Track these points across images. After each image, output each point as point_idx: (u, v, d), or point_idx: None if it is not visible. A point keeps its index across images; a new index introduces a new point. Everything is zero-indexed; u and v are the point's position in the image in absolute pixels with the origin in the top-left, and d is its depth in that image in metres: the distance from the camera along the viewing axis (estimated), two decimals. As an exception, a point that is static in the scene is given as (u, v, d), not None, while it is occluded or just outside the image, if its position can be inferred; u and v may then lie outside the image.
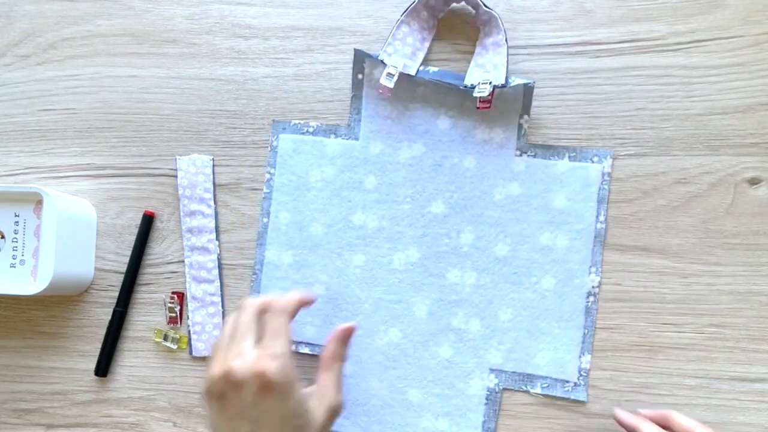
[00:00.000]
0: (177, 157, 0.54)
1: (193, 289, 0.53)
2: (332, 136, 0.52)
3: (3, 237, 0.51)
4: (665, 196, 0.49)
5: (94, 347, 0.54)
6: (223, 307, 0.53)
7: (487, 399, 0.49)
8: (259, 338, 0.40)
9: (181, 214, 0.53)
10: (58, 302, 0.55)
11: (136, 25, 0.55)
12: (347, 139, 0.52)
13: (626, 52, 0.50)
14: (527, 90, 0.49)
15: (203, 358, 0.53)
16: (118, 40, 0.55)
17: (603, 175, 0.49)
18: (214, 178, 0.53)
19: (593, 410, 0.49)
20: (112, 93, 0.55)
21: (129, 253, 0.54)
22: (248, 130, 0.53)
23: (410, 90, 0.51)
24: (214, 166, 0.53)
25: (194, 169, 0.53)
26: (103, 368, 0.53)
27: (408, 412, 0.50)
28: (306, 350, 0.51)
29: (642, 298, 0.49)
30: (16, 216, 0.51)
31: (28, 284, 0.50)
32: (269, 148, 0.53)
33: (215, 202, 0.53)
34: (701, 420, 0.48)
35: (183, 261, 0.53)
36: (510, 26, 0.51)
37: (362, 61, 0.51)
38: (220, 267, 0.53)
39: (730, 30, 0.49)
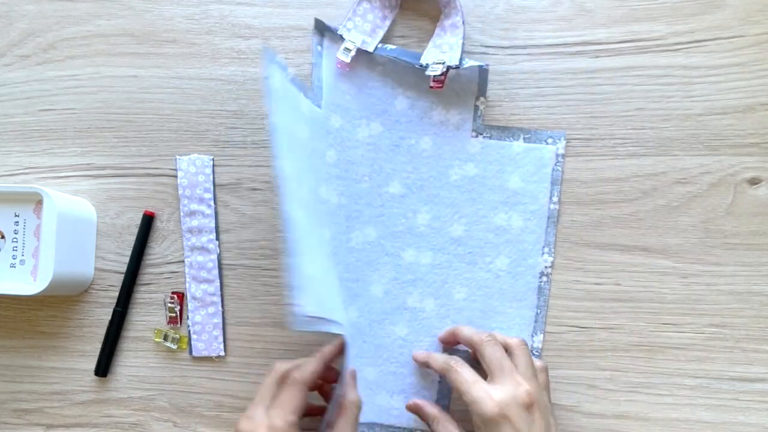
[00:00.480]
0: (177, 157, 0.54)
1: (193, 289, 0.53)
2: (303, 94, 0.50)
3: (3, 237, 0.51)
4: (665, 196, 0.49)
5: (94, 347, 0.54)
6: (222, 306, 0.53)
7: (440, 377, 0.49)
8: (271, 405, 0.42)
9: (181, 214, 0.53)
10: (58, 302, 0.55)
11: (136, 25, 0.55)
12: (314, 103, 0.51)
13: (626, 52, 0.50)
14: (482, 72, 0.49)
15: (203, 358, 0.53)
16: (118, 40, 0.55)
17: (557, 156, 0.50)
18: (214, 178, 0.53)
19: (593, 410, 0.49)
20: (112, 93, 0.55)
21: (129, 253, 0.54)
22: (248, 130, 0.53)
23: (369, 67, 0.51)
24: (214, 166, 0.53)
25: (194, 169, 0.53)
26: (103, 368, 0.53)
27: (364, 390, 0.50)
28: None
29: (642, 298, 0.49)
30: (16, 216, 0.51)
31: (28, 284, 0.50)
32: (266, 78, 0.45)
33: (215, 202, 0.53)
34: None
35: (183, 261, 0.53)
36: (510, 26, 0.51)
37: (322, 32, 0.51)
38: (220, 267, 0.53)
39: (730, 30, 0.49)
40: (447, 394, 0.50)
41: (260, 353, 0.52)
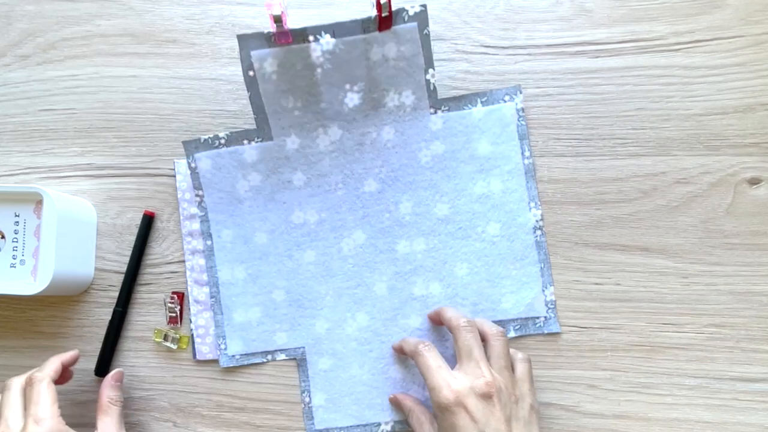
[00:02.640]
0: (175, 160, 0.54)
1: (195, 293, 0.53)
2: (246, 142, 0.51)
3: (3, 237, 0.51)
4: (665, 196, 0.49)
5: (94, 347, 0.54)
6: (223, 307, 0.53)
7: None
8: (26, 409, 0.44)
9: (181, 217, 0.53)
10: (58, 302, 0.55)
11: (136, 25, 0.55)
12: (261, 141, 0.51)
13: (626, 52, 0.50)
14: (424, 41, 0.48)
15: (206, 361, 0.53)
16: (118, 40, 0.55)
17: (517, 111, 0.50)
18: (214, 178, 0.53)
19: (593, 410, 0.49)
20: (112, 93, 0.55)
21: (129, 253, 0.54)
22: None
23: (307, 76, 0.48)
24: (214, 166, 0.53)
25: (194, 169, 0.53)
26: (103, 368, 0.53)
27: (395, 389, 0.50)
28: (282, 356, 0.51)
29: (642, 298, 0.49)
30: (16, 216, 0.51)
31: (28, 284, 0.50)
32: (190, 171, 0.52)
33: (215, 202, 0.53)
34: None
35: (183, 261, 0.53)
36: (510, 26, 0.51)
37: (249, 55, 0.47)
38: (220, 267, 0.53)
39: (730, 30, 0.49)
40: None
41: (260, 353, 0.52)
